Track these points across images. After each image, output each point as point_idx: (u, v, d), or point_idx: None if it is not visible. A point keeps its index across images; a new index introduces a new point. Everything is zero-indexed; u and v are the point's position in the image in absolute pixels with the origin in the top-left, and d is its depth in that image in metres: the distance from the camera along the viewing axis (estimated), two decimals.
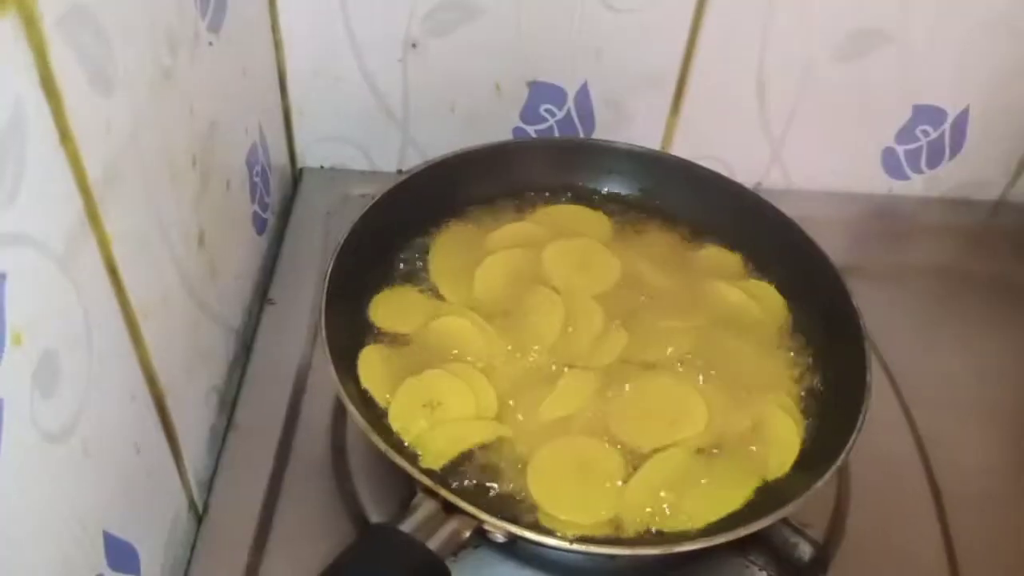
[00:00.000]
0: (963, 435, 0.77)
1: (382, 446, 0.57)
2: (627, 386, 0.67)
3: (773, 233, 0.76)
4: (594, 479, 0.62)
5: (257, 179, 0.78)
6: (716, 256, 0.78)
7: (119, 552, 0.53)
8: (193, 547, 0.65)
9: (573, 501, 0.60)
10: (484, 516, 0.55)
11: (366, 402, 0.65)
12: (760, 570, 0.65)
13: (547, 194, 0.80)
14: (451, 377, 0.66)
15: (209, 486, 0.68)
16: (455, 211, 0.77)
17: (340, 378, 0.61)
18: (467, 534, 0.54)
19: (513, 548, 0.65)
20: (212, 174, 0.65)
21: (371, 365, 0.66)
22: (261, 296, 0.80)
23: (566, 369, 0.67)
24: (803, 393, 0.69)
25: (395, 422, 0.64)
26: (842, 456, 0.60)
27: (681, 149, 0.90)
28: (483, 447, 0.63)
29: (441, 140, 0.87)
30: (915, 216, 0.97)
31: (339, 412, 0.72)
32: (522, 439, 0.64)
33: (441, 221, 0.77)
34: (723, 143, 0.91)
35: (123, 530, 0.54)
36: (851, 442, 0.61)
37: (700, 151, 0.87)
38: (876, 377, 0.69)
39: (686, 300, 0.73)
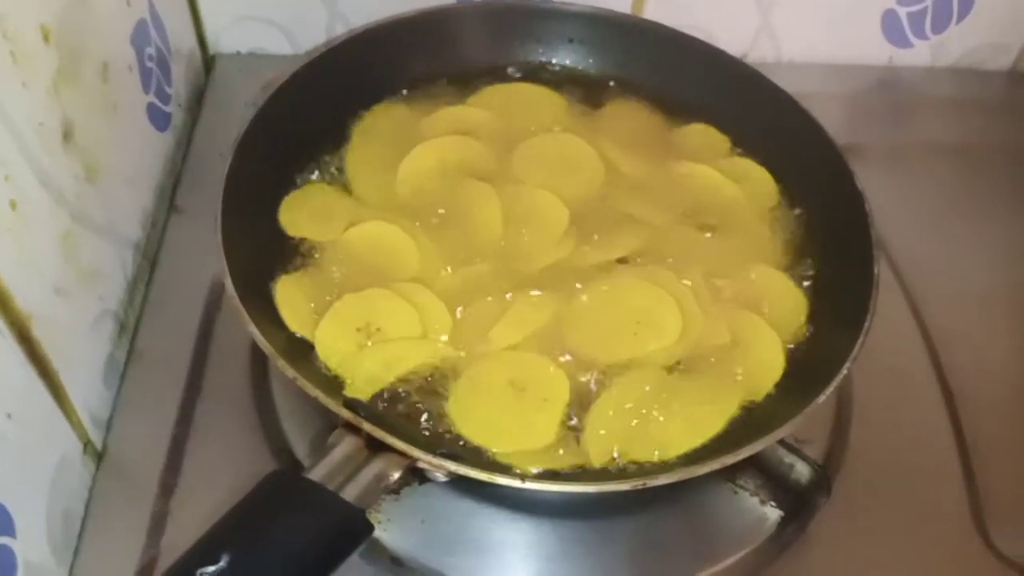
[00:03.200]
0: (979, 332, 0.68)
1: (290, 372, 0.47)
2: (588, 292, 0.57)
3: (764, 108, 0.67)
4: (530, 402, 0.53)
5: (151, 64, 0.66)
6: (698, 135, 0.68)
7: None
8: (90, 495, 0.56)
9: (502, 428, 0.52)
10: (417, 452, 0.45)
11: (284, 327, 0.55)
12: (751, 496, 0.57)
13: (495, 71, 0.69)
14: (395, 297, 0.56)
15: (108, 424, 0.59)
16: (385, 93, 0.67)
17: (241, 296, 0.51)
18: (396, 476, 0.45)
19: (466, 483, 0.55)
20: (79, 55, 0.54)
21: (290, 298, 0.56)
22: (167, 203, 0.69)
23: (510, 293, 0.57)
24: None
25: (322, 349, 0.54)
26: (847, 364, 0.52)
27: (655, 16, 0.78)
28: (427, 374, 0.54)
29: (375, 15, 0.74)
30: (920, 89, 0.87)
31: None
32: (469, 362, 0.54)
33: (368, 105, 0.66)
34: (704, 9, 0.80)
35: None
36: (857, 347, 0.52)
37: (677, 19, 0.75)
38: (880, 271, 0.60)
39: (659, 187, 0.63)
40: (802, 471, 0.55)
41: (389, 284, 0.57)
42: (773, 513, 0.56)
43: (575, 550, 0.55)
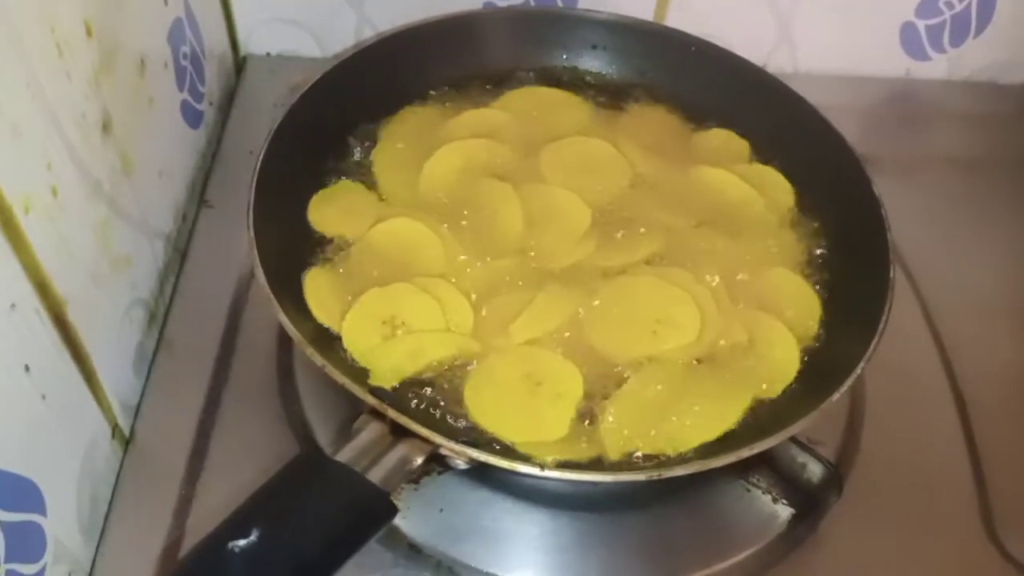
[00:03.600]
0: (991, 339, 0.69)
1: (318, 360, 0.49)
2: (609, 291, 0.58)
3: (783, 115, 0.68)
4: (544, 396, 0.54)
5: (186, 63, 0.68)
6: (718, 141, 0.69)
7: (10, 488, 0.45)
8: (117, 478, 0.57)
9: (515, 419, 0.53)
10: (439, 439, 0.46)
11: (310, 318, 0.56)
12: (763, 493, 0.58)
13: (519, 75, 0.70)
14: (419, 292, 0.57)
15: (136, 410, 0.60)
16: (412, 95, 0.68)
17: (272, 287, 0.52)
18: (419, 461, 0.46)
19: (484, 475, 0.57)
20: (118, 49, 0.56)
21: (318, 290, 0.57)
22: (197, 198, 0.71)
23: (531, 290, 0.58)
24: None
25: (348, 340, 0.55)
26: (861, 364, 0.52)
27: (676, 24, 0.79)
28: (448, 366, 0.55)
29: (402, 20, 0.76)
30: (935, 101, 0.88)
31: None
32: (489, 354, 0.55)
33: (395, 107, 0.67)
34: (723, 19, 0.80)
35: (13, 463, 0.45)
36: (872, 347, 0.53)
37: (697, 28, 0.76)
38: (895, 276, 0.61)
39: (679, 190, 0.64)
40: (814, 470, 0.56)
41: (413, 279, 0.58)
42: (785, 511, 0.57)
43: (589, 542, 0.56)
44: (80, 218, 0.52)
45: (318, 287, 0.58)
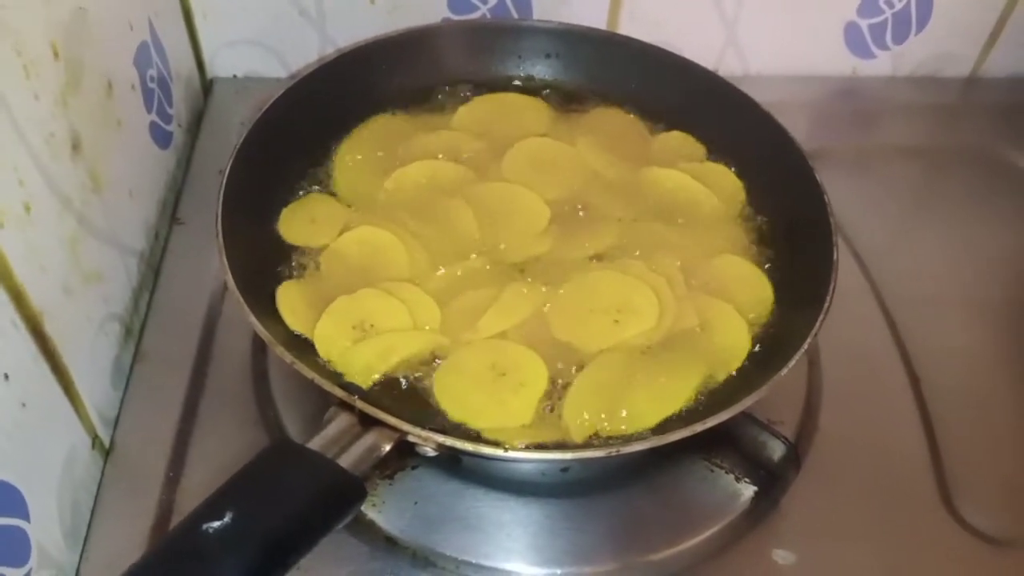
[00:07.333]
0: (941, 320, 0.72)
1: (288, 357, 0.51)
2: (571, 284, 0.61)
3: (732, 115, 0.70)
4: (508, 385, 0.56)
5: (153, 85, 0.70)
6: (675, 142, 0.71)
7: None
8: (99, 486, 0.58)
9: (479, 407, 0.55)
10: (405, 426, 0.48)
11: (283, 326, 0.58)
12: (727, 473, 0.60)
13: (480, 85, 0.73)
14: (385, 296, 0.59)
15: (116, 421, 0.61)
16: (375, 106, 0.70)
17: (242, 293, 0.54)
18: (387, 448, 0.48)
19: (457, 467, 0.59)
20: (85, 71, 0.58)
21: (290, 300, 0.59)
22: (169, 216, 0.73)
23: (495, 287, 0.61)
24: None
25: (320, 346, 0.57)
26: (808, 339, 0.54)
27: (627, 32, 0.82)
28: (418, 362, 0.57)
29: (362, 38, 0.79)
30: (881, 96, 0.91)
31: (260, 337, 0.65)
32: (456, 348, 0.58)
33: (360, 118, 0.69)
34: (673, 26, 0.83)
35: None
36: (818, 323, 0.55)
37: (648, 35, 0.79)
38: (847, 267, 0.64)
39: (636, 189, 0.67)
40: (774, 448, 0.58)
41: (380, 284, 0.60)
42: (747, 489, 0.59)
43: (560, 526, 0.57)
44: (52, 233, 0.54)
45: (290, 297, 0.59)
